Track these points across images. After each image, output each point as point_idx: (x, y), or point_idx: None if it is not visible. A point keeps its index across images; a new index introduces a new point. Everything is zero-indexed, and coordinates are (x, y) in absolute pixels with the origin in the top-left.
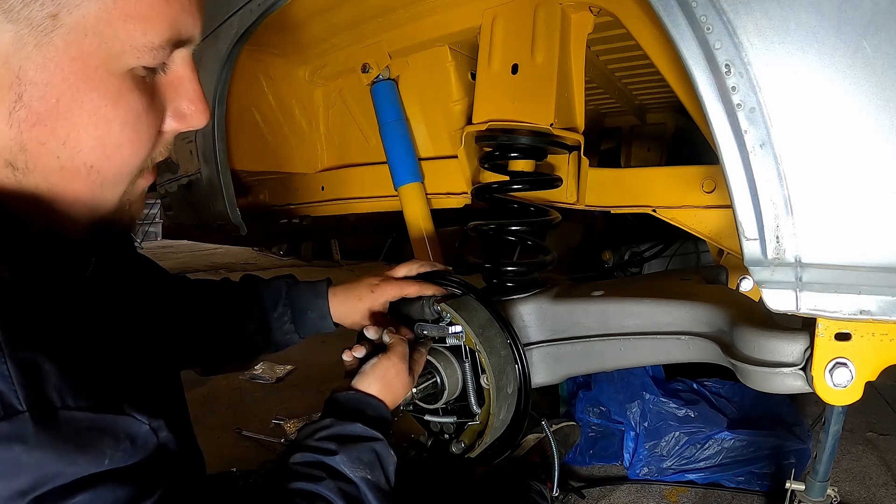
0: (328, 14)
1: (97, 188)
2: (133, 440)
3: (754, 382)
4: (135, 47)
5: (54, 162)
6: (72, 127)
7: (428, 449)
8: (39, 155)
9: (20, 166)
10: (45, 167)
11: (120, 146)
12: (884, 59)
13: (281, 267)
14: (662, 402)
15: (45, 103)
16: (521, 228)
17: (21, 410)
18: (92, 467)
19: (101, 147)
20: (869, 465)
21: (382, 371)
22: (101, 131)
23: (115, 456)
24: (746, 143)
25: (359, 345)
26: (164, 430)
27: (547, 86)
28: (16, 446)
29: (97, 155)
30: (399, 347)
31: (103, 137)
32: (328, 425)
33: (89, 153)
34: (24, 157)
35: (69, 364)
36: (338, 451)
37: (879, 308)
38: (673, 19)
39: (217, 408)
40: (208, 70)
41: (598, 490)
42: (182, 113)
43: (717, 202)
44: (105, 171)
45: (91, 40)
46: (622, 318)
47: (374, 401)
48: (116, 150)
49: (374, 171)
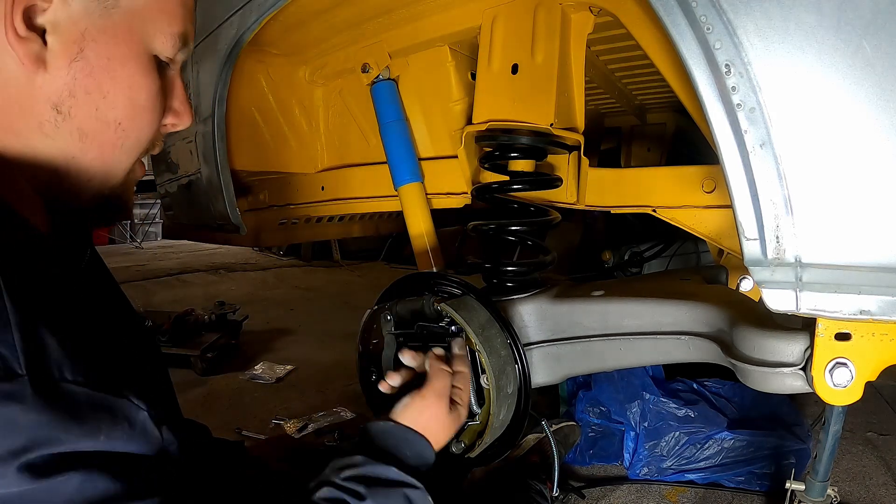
0: (328, 14)
1: (118, 147)
2: (131, 423)
3: (754, 382)
4: (163, 33)
5: (92, 112)
6: (113, 83)
7: None
8: (82, 103)
9: (64, 111)
10: (84, 115)
11: (144, 109)
12: (884, 59)
13: (281, 267)
14: (662, 402)
15: (99, 60)
16: (521, 228)
17: (21, 374)
18: (86, 440)
19: (130, 106)
20: (869, 465)
21: (426, 403)
22: (134, 93)
23: (112, 435)
24: (746, 143)
25: (394, 372)
26: (168, 433)
27: (547, 86)
28: (12, 405)
29: (127, 113)
30: (443, 378)
31: (134, 98)
32: (358, 463)
33: (121, 109)
34: (70, 103)
35: (70, 343)
36: (366, 497)
37: (879, 308)
38: (673, 19)
39: (217, 408)
40: (208, 70)
41: (598, 490)
42: (176, 110)
43: (717, 202)
44: (128, 131)
45: (137, 21)
46: (622, 318)
47: (415, 437)
48: (140, 113)
49: (374, 171)
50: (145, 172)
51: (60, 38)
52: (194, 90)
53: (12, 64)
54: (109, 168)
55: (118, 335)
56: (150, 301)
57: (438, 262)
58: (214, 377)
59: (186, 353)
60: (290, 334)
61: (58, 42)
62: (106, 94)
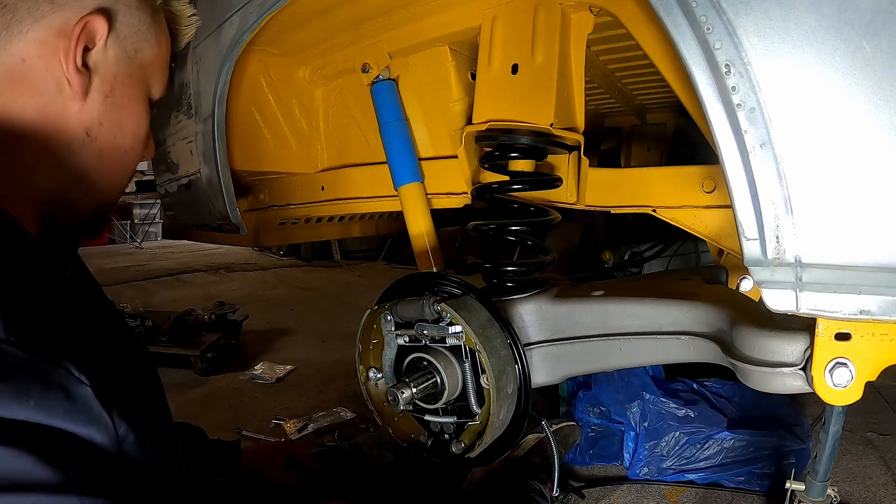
0: (328, 14)
1: (123, 170)
2: (69, 395)
3: (754, 382)
4: (157, 81)
5: (111, 139)
6: (129, 118)
7: (428, 449)
8: (106, 131)
9: (92, 135)
10: (105, 141)
11: (141, 140)
12: (884, 59)
13: (281, 267)
14: (662, 402)
15: (123, 98)
16: (521, 228)
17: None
18: (11, 403)
19: (135, 137)
20: (869, 465)
21: None
22: (139, 127)
23: (44, 403)
24: (746, 143)
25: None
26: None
27: (547, 86)
28: None
29: (132, 143)
30: None
31: (138, 131)
32: None
33: (129, 139)
34: (98, 130)
35: (9, 303)
36: None
37: (879, 308)
38: (673, 19)
39: (217, 408)
40: (208, 70)
41: (598, 490)
42: (147, 145)
43: (717, 202)
44: (131, 157)
45: (146, 70)
46: (622, 318)
47: None
48: (139, 143)
49: (374, 171)
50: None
51: (100, 77)
52: (194, 90)
53: (64, 88)
54: (114, 186)
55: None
56: (150, 301)
57: (438, 262)
58: (214, 377)
59: (186, 353)
60: (290, 334)
61: (98, 80)
62: (122, 126)
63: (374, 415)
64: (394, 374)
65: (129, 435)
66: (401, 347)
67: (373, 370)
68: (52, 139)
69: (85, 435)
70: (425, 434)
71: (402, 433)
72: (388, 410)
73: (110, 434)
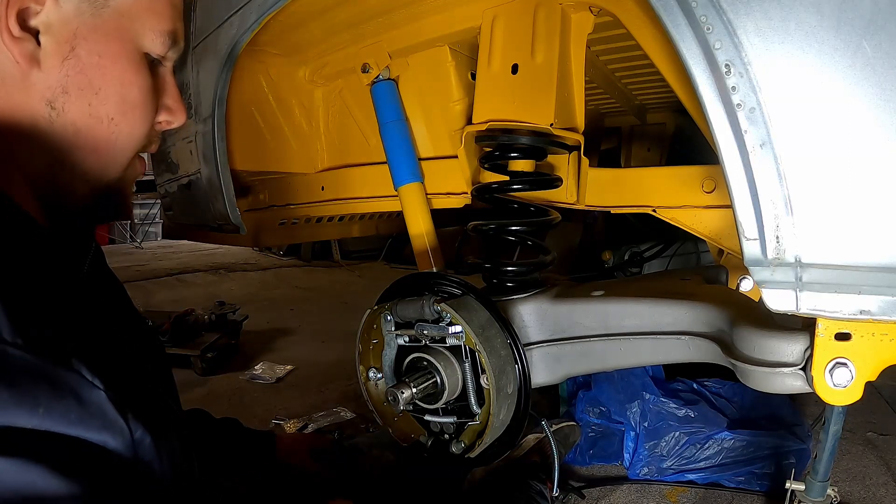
0: (328, 14)
1: (112, 142)
2: (81, 400)
3: (754, 382)
4: (152, 31)
5: (85, 108)
6: (104, 80)
7: (428, 449)
8: (75, 100)
9: (58, 107)
10: (77, 111)
11: (135, 106)
12: (884, 59)
13: (281, 267)
14: (662, 402)
15: (90, 57)
16: (521, 228)
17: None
18: (20, 412)
19: (122, 102)
20: (869, 465)
21: None
22: (125, 89)
23: (54, 409)
24: (746, 143)
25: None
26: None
27: (547, 86)
28: None
29: (118, 108)
30: None
31: (125, 94)
32: None
33: (113, 105)
34: (63, 99)
35: (15, 305)
36: None
37: (879, 308)
38: (673, 19)
39: (217, 408)
40: (208, 70)
41: (598, 490)
42: (169, 107)
43: (717, 202)
44: (121, 126)
45: (127, 20)
46: (622, 318)
47: None
48: (132, 109)
49: (374, 171)
50: (146, 170)
51: (53, 38)
52: (194, 90)
53: (8, 63)
54: (105, 163)
55: (116, 334)
56: (150, 301)
57: (438, 262)
58: (214, 377)
59: (186, 353)
60: (290, 334)
61: (51, 42)
62: (98, 91)
63: (374, 415)
64: (394, 375)
65: (146, 438)
66: (401, 347)
67: (373, 370)
68: (15, 120)
69: (98, 441)
70: (425, 434)
71: (403, 433)
72: (388, 410)
73: (125, 439)
